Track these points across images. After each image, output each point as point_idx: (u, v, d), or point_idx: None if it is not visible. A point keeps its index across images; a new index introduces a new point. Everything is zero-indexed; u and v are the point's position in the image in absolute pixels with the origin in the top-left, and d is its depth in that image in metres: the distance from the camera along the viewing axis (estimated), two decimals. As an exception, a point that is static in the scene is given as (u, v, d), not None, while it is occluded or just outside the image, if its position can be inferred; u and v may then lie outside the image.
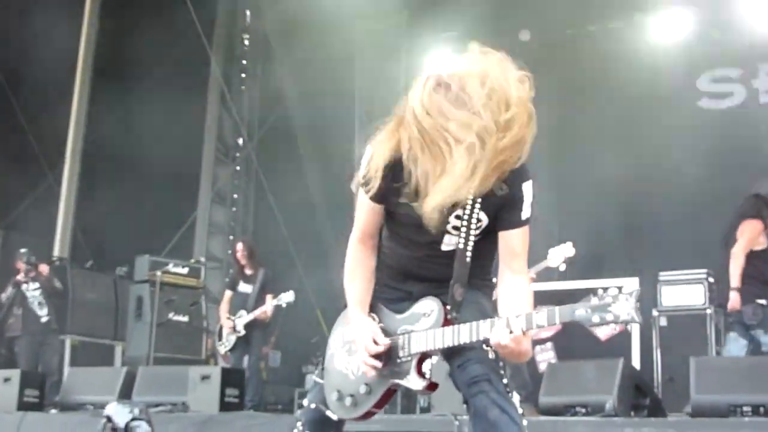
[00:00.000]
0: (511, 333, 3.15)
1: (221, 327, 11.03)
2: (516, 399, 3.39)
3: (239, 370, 10.57)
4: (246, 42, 18.03)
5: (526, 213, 3.40)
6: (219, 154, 17.76)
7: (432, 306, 3.44)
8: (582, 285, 10.19)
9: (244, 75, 17.97)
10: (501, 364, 3.42)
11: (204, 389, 9.15)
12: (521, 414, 3.36)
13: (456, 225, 3.39)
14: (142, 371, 9.89)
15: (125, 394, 9.32)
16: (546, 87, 13.07)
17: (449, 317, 3.39)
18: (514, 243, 3.43)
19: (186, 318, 12.31)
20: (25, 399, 9.83)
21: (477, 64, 3.16)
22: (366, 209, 3.53)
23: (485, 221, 3.40)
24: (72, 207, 14.86)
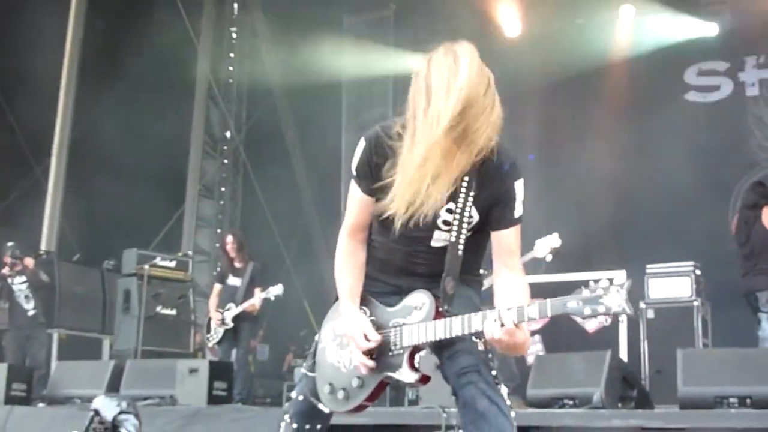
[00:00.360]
0: (503, 326, 3.16)
1: (210, 320, 11.03)
2: (504, 391, 3.40)
3: (227, 363, 10.56)
4: (233, 35, 18.00)
5: (518, 211, 3.42)
6: (206, 147, 17.75)
7: (423, 299, 3.44)
8: (569, 278, 10.22)
9: (231, 68, 17.96)
10: (490, 355, 3.43)
11: (192, 382, 9.13)
12: (509, 405, 3.37)
13: (447, 220, 3.39)
14: (129, 365, 9.87)
15: (113, 387, 9.30)
16: (534, 80, 13.17)
17: (441, 310, 3.39)
18: (508, 241, 3.44)
19: (174, 311, 12.27)
20: (13, 393, 9.80)
21: (432, 59, 3.24)
22: (357, 202, 3.52)
23: (476, 218, 3.41)
24: (59, 201, 14.82)
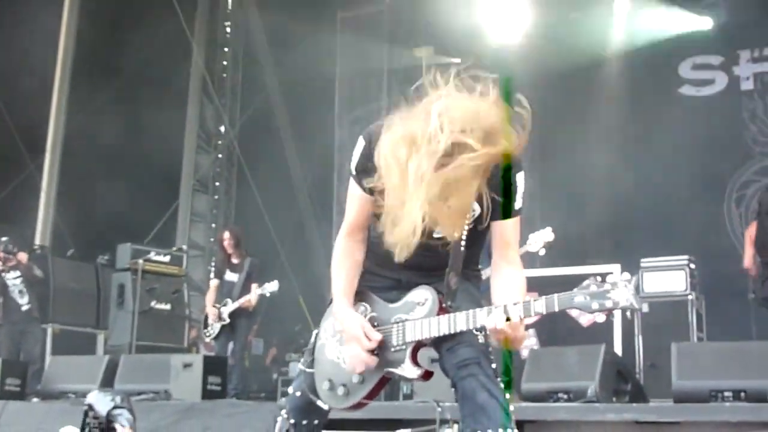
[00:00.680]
0: (509, 320, 3.17)
1: (207, 315, 11.05)
2: (502, 385, 3.40)
3: (222, 358, 10.56)
4: (228, 30, 17.97)
5: (518, 203, 3.41)
6: (201, 142, 17.73)
7: (426, 295, 3.43)
8: (564, 272, 10.23)
9: (225, 63, 17.92)
10: (490, 349, 3.43)
11: (186, 377, 9.12)
12: (508, 399, 3.37)
13: None
14: (124, 359, 9.85)
15: (107, 382, 9.29)
16: (528, 74, 13.16)
17: (444, 305, 3.39)
18: (507, 233, 3.44)
19: (168, 306, 12.26)
20: (7, 388, 9.79)
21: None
22: (357, 201, 3.49)
23: (478, 210, 3.39)
24: (53, 196, 14.80)
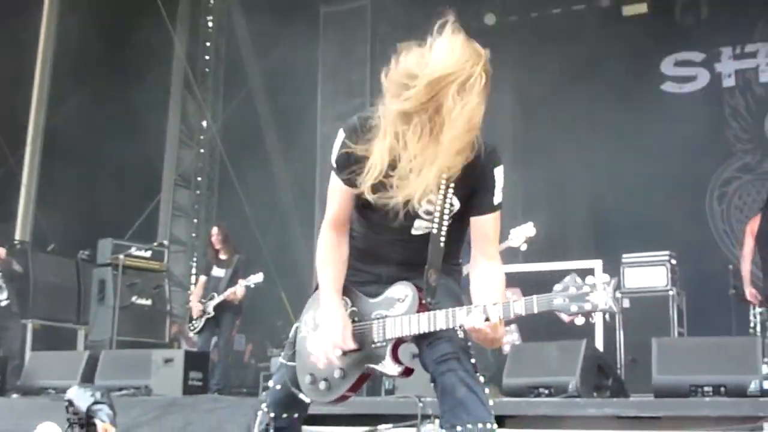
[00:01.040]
0: (488, 320, 3.18)
1: (191, 310, 11.10)
2: (481, 380, 3.40)
3: (203, 353, 10.55)
4: (210, 23, 17.91)
5: (498, 198, 3.40)
6: (183, 137, 17.69)
7: (406, 291, 3.43)
8: (546, 267, 10.25)
9: (208, 57, 17.87)
10: (469, 344, 3.43)
11: (167, 372, 9.11)
12: (488, 394, 3.37)
13: (428, 209, 3.38)
14: (104, 355, 9.82)
15: (88, 377, 9.25)
16: (510, 69, 13.15)
17: (424, 302, 3.39)
18: (487, 228, 3.43)
19: (149, 301, 12.21)
20: (-14, 383, 9.77)
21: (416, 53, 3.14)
22: (338, 194, 3.48)
23: (457, 206, 3.40)
24: (33, 190, 14.73)
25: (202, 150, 17.88)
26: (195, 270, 17.52)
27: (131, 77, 14.70)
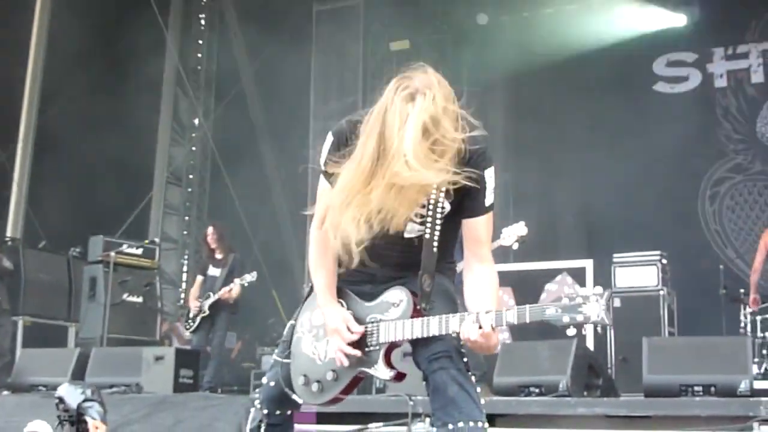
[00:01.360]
0: (481, 329, 3.19)
1: (188, 309, 11.12)
2: (473, 379, 3.41)
3: (194, 350, 10.54)
4: (202, 21, 17.88)
5: (489, 200, 3.41)
6: (174, 134, 17.64)
7: (401, 296, 3.44)
8: (538, 266, 10.26)
9: (200, 55, 17.84)
10: (461, 342, 3.42)
11: (158, 370, 9.10)
12: (479, 393, 3.38)
13: (420, 213, 3.38)
14: (95, 352, 9.79)
15: (78, 375, 9.22)
16: (502, 69, 13.16)
17: (418, 308, 3.40)
18: (479, 230, 3.44)
19: (140, 299, 12.18)
20: (-23, 380, 9.74)
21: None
22: (327, 195, 3.47)
23: (448, 208, 3.40)
24: (25, 187, 14.68)
25: (193, 148, 17.85)
26: (186, 267, 17.51)
27: (123, 74, 14.66)
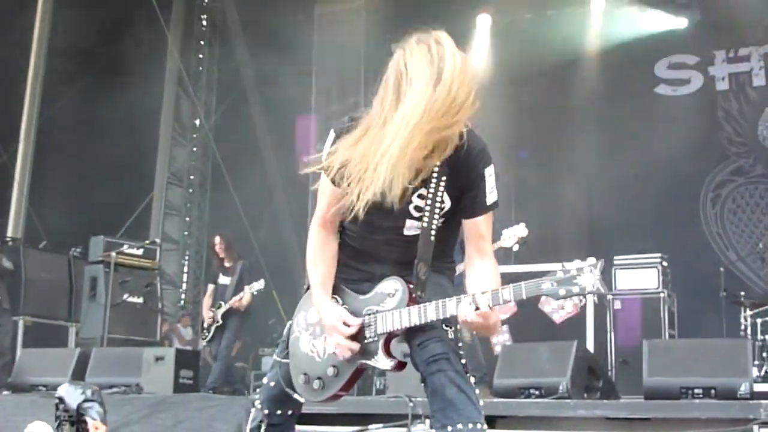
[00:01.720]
0: (477, 309, 3.19)
1: (203, 319, 11.24)
2: (472, 380, 3.40)
3: (194, 351, 10.57)
4: (204, 22, 17.90)
5: (490, 198, 3.42)
6: (176, 135, 17.66)
7: (396, 286, 3.45)
8: (538, 268, 10.24)
9: (201, 55, 17.86)
10: (459, 344, 3.44)
11: (158, 371, 9.09)
12: (478, 394, 3.38)
13: (419, 206, 3.39)
14: (95, 352, 9.78)
15: (78, 375, 9.21)
16: (504, 70, 13.15)
17: (414, 296, 3.40)
18: (480, 228, 3.45)
19: (140, 299, 12.18)
20: (-23, 380, 9.73)
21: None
22: (327, 194, 3.50)
23: (448, 204, 3.41)
24: (26, 187, 14.70)
25: (195, 148, 17.87)
26: (187, 268, 17.52)
27: (125, 75, 14.67)
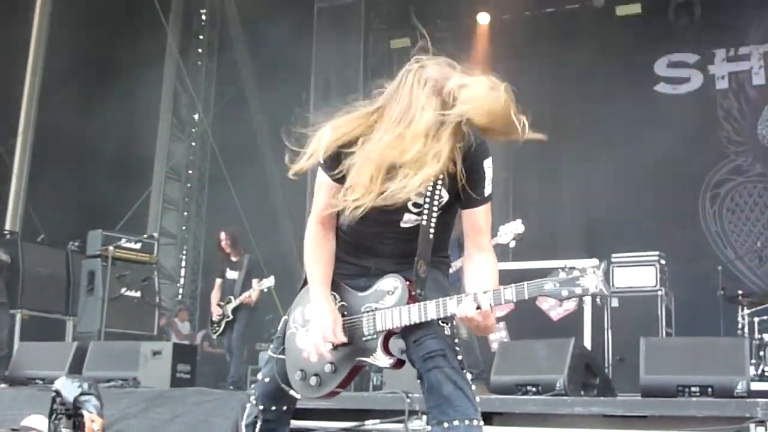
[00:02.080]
0: (479, 308, 3.19)
1: (212, 314, 11.27)
2: (469, 377, 3.40)
3: (191, 346, 10.57)
4: (203, 17, 17.89)
5: (488, 190, 3.43)
6: (174, 129, 17.65)
7: (395, 283, 3.44)
8: (537, 265, 10.25)
9: (200, 50, 17.85)
10: (456, 340, 3.44)
11: (155, 365, 9.09)
12: (474, 391, 3.38)
13: (417, 202, 3.38)
14: (93, 346, 9.78)
15: (75, 369, 9.21)
16: (503, 66, 13.14)
17: (414, 294, 3.40)
18: (479, 220, 3.45)
19: (138, 293, 12.19)
20: (-26, 373, 9.73)
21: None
22: (325, 189, 3.49)
23: (446, 198, 3.41)
24: (24, 181, 14.70)
25: (193, 143, 17.86)
26: (185, 263, 17.53)
27: (124, 69, 14.66)
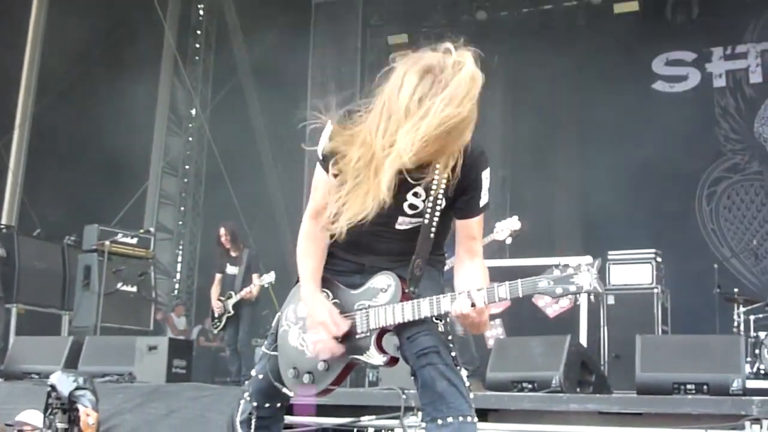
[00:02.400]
0: (473, 306, 3.19)
1: (213, 309, 11.31)
2: (463, 373, 3.40)
3: (186, 341, 10.59)
4: (201, 12, 17.87)
5: (484, 200, 3.43)
6: (171, 124, 17.64)
7: (388, 281, 3.43)
8: (533, 262, 10.26)
9: (198, 45, 17.83)
10: (450, 337, 3.44)
11: (151, 360, 9.08)
12: (468, 387, 3.38)
13: (414, 204, 3.38)
14: (88, 341, 9.77)
15: (71, 363, 9.20)
16: (500, 65, 13.15)
17: (407, 291, 3.40)
18: (472, 229, 3.46)
19: (134, 288, 12.18)
20: (-30, 367, 9.71)
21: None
22: (322, 185, 3.48)
23: (444, 203, 3.41)
24: (20, 175, 14.68)
25: (190, 138, 17.85)
26: (181, 258, 17.52)
27: (121, 64, 14.65)
